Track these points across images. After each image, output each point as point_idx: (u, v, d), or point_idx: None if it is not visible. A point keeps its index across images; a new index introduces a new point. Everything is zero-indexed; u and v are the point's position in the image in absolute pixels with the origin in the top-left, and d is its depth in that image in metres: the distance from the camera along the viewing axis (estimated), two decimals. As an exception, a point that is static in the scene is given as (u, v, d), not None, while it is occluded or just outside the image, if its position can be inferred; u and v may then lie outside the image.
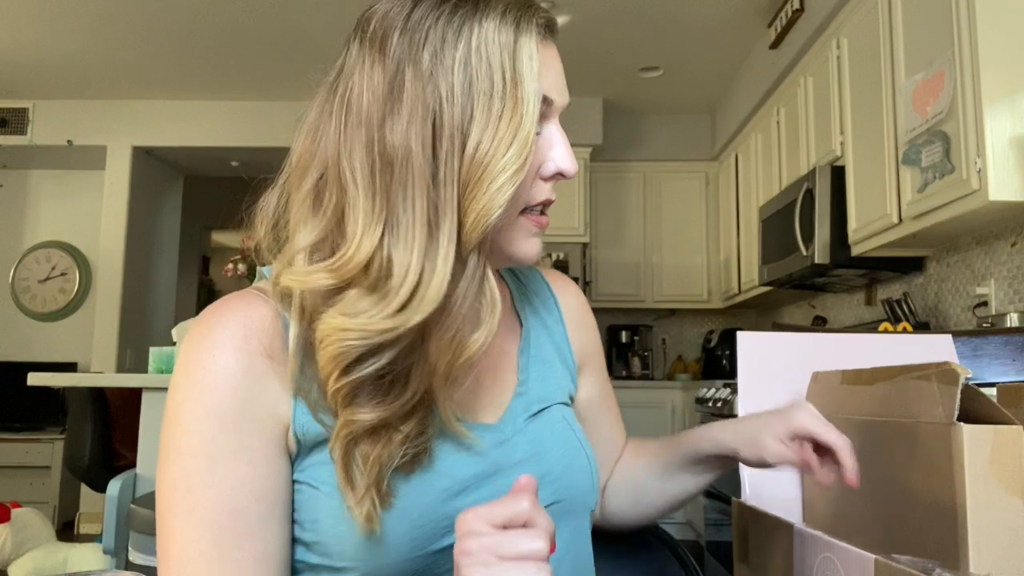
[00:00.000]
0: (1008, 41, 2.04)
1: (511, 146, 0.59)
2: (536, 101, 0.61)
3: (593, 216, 4.88)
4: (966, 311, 2.60)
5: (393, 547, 0.61)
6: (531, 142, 0.60)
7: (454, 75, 0.59)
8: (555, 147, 0.66)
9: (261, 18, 3.84)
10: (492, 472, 0.67)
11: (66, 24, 3.93)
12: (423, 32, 0.60)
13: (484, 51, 0.59)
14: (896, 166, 2.49)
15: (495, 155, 0.58)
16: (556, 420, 0.75)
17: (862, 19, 2.79)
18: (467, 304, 0.60)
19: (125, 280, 4.91)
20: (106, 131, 4.96)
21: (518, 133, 0.59)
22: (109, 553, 2.27)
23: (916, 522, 0.59)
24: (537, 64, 0.61)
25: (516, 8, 0.62)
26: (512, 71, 0.60)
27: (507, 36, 0.60)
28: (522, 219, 0.66)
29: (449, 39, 0.59)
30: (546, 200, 0.67)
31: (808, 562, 0.62)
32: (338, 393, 0.59)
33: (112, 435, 2.97)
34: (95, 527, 4.49)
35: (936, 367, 0.57)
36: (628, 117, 5.05)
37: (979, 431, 0.53)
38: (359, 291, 0.59)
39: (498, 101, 0.59)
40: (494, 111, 0.59)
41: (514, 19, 0.61)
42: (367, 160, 0.60)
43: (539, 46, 0.62)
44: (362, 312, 0.58)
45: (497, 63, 0.59)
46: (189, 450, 0.59)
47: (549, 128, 0.66)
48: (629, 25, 3.88)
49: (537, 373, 0.76)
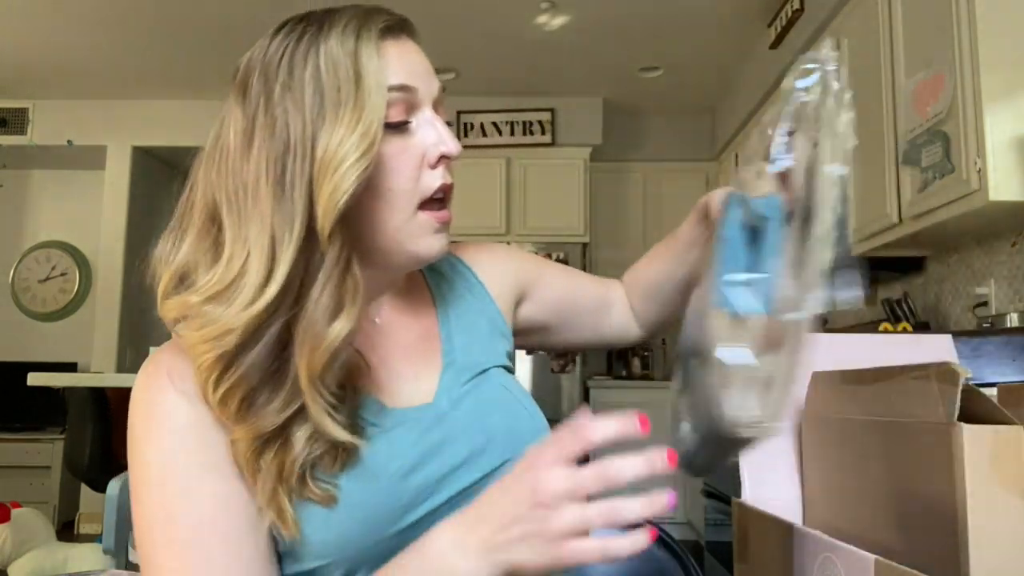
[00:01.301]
0: (1008, 41, 2.04)
1: (352, 135, 0.62)
2: (379, 91, 0.63)
3: (593, 216, 4.88)
4: (966, 311, 2.60)
5: (355, 537, 0.63)
6: (375, 129, 0.63)
7: (304, 95, 0.63)
8: (432, 132, 0.68)
9: (261, 18, 3.83)
10: (440, 443, 0.69)
11: (66, 24, 3.93)
12: (275, 64, 0.65)
13: (330, 64, 0.63)
14: (896, 166, 2.49)
15: (339, 148, 0.61)
16: (494, 386, 0.77)
17: (862, 19, 2.79)
18: (326, 295, 0.62)
19: (125, 280, 4.91)
20: (106, 131, 4.96)
21: (360, 122, 0.62)
22: (109, 553, 2.27)
23: (916, 522, 0.59)
24: (377, 60, 0.64)
25: (357, 18, 0.66)
26: (353, 72, 0.63)
27: (349, 45, 0.64)
28: (421, 215, 0.68)
29: (298, 63, 0.64)
30: (442, 186, 0.69)
31: (808, 562, 0.62)
32: (222, 408, 0.61)
33: (112, 435, 2.97)
34: (95, 527, 4.49)
35: (936, 367, 0.57)
36: (628, 117, 5.05)
37: (979, 431, 0.53)
38: (211, 304, 0.62)
39: (343, 104, 0.63)
40: (340, 114, 0.62)
41: (355, 28, 0.65)
42: (231, 192, 0.64)
43: (383, 44, 0.66)
44: (212, 321, 0.61)
45: (342, 71, 0.63)
46: (159, 480, 0.61)
47: (423, 115, 0.68)
48: (629, 25, 3.88)
49: (462, 342, 0.78)
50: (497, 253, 0.91)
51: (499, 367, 0.80)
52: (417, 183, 0.67)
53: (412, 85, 0.67)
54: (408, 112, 0.67)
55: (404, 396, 0.72)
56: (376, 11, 0.68)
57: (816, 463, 0.79)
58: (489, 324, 0.83)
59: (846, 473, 0.72)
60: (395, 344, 0.76)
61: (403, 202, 0.67)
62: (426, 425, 0.70)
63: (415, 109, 0.68)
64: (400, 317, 0.78)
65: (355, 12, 0.67)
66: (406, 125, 0.67)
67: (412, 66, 0.68)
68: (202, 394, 0.61)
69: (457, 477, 0.69)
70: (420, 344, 0.77)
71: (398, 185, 0.66)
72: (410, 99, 0.67)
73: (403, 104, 0.66)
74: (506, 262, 0.90)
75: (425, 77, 0.69)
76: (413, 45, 0.70)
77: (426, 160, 0.68)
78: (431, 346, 0.78)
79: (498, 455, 0.71)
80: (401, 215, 0.67)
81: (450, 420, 0.72)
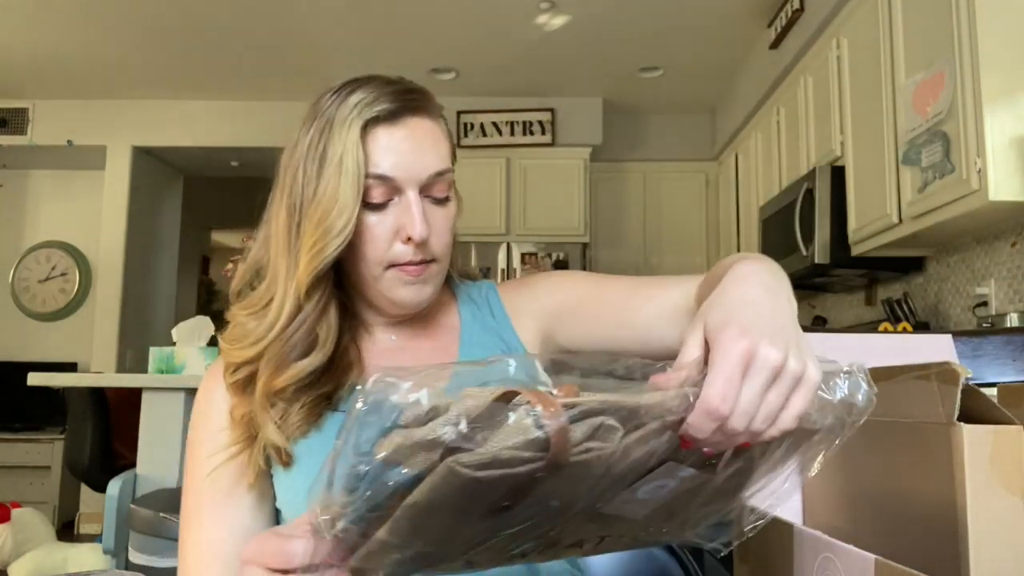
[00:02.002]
0: (1008, 41, 2.05)
1: (329, 218, 0.74)
2: (357, 180, 0.74)
3: (593, 216, 4.88)
4: (966, 311, 2.60)
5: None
6: (349, 212, 0.74)
7: (310, 168, 0.77)
8: (405, 216, 0.77)
9: (261, 18, 3.84)
10: None
11: (66, 24, 3.93)
12: (294, 147, 0.80)
13: (329, 152, 0.75)
14: (896, 166, 2.49)
15: (314, 230, 0.75)
16: None
17: (862, 19, 2.79)
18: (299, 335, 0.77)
19: (125, 280, 4.91)
20: (106, 131, 4.96)
21: (338, 202, 0.74)
22: (109, 553, 2.27)
23: (916, 522, 0.59)
24: (360, 152, 0.75)
25: (361, 105, 0.76)
26: (338, 160, 0.75)
27: (344, 134, 0.75)
28: (391, 272, 0.79)
29: (312, 151, 0.77)
30: (410, 260, 0.78)
31: (808, 562, 0.62)
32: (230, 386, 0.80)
33: (112, 435, 2.97)
34: (95, 527, 4.49)
35: (936, 367, 0.57)
36: (628, 117, 5.05)
37: (979, 431, 0.53)
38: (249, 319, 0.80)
39: (331, 184, 0.75)
40: (328, 191, 0.75)
41: (356, 118, 0.75)
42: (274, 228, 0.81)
43: (375, 133, 0.76)
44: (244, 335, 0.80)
45: (334, 157, 0.75)
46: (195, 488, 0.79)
47: (405, 198, 0.77)
48: (629, 25, 3.88)
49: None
50: (532, 284, 0.92)
51: None
52: (386, 253, 0.78)
53: (390, 175, 0.76)
54: (389, 194, 0.77)
55: None
56: (384, 96, 0.77)
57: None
58: (506, 349, 0.87)
59: (846, 473, 0.72)
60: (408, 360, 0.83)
61: (373, 264, 0.78)
62: None
63: (397, 192, 0.77)
64: (420, 339, 0.87)
65: (363, 99, 0.76)
66: (384, 205, 0.77)
67: (398, 156, 0.76)
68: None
69: None
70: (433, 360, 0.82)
71: (369, 252, 0.77)
72: (391, 184, 0.76)
73: (383, 188, 0.76)
74: (522, 290, 0.92)
75: (410, 165, 0.77)
76: (407, 130, 0.78)
77: (399, 235, 0.77)
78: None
79: None
80: (373, 272, 0.79)
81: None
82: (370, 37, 4.00)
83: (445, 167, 0.80)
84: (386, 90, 0.78)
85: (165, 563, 1.88)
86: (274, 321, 0.77)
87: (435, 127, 0.81)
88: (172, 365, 2.55)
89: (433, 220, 0.79)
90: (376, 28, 3.91)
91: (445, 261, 0.83)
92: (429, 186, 0.78)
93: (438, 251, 0.80)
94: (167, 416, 2.44)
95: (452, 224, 0.83)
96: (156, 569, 1.89)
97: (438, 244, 0.80)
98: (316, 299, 0.77)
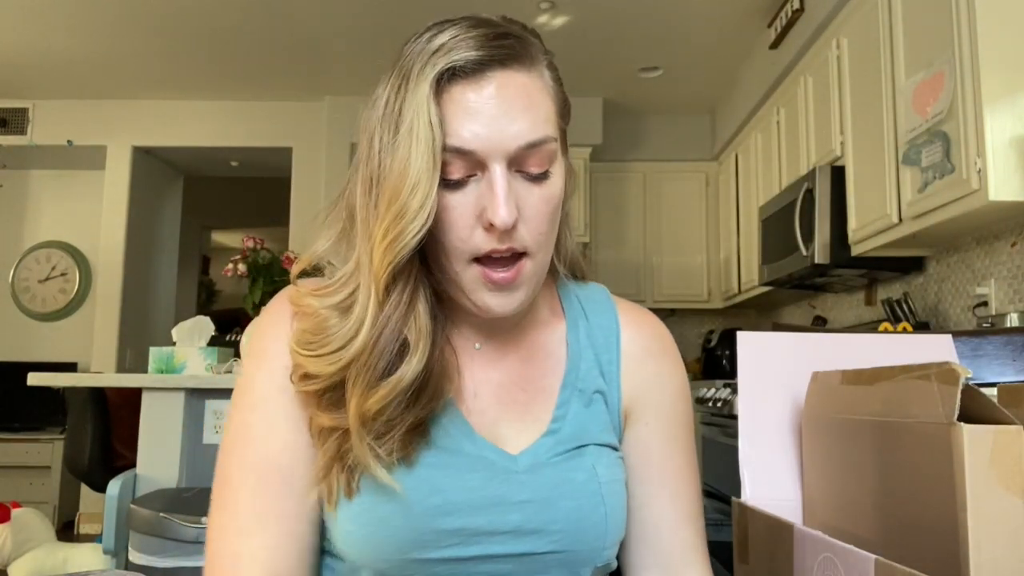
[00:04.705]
0: (1008, 41, 2.04)
1: (401, 198, 0.61)
2: (427, 155, 0.61)
3: (593, 216, 4.88)
4: (966, 311, 2.60)
5: (372, 546, 0.64)
6: (425, 189, 0.61)
7: (382, 138, 0.64)
8: (488, 195, 0.63)
9: (261, 18, 3.84)
10: (491, 504, 0.66)
11: (66, 24, 3.93)
12: (373, 104, 0.66)
13: (405, 113, 0.62)
14: (896, 166, 2.49)
15: (387, 211, 0.63)
16: (584, 466, 0.70)
17: (862, 19, 2.79)
18: (383, 338, 0.64)
19: (125, 280, 4.91)
20: (106, 131, 4.96)
21: (404, 191, 0.61)
22: (109, 553, 2.27)
23: (916, 522, 0.59)
24: (427, 120, 0.61)
25: (436, 60, 0.62)
26: (410, 129, 0.61)
27: (420, 93, 0.62)
28: (473, 268, 0.65)
29: (388, 110, 0.64)
30: (492, 250, 0.64)
31: (808, 562, 0.62)
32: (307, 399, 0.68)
33: (112, 435, 2.97)
34: (95, 527, 4.48)
35: (936, 367, 0.57)
36: (628, 117, 5.05)
37: (979, 431, 0.53)
38: (330, 312, 0.67)
39: (400, 157, 0.62)
40: (399, 167, 0.62)
41: (423, 77, 0.62)
42: (354, 203, 0.68)
43: (451, 91, 0.62)
44: (322, 330, 0.68)
45: (404, 125, 0.62)
46: (250, 405, 0.68)
47: (489, 173, 0.63)
48: (629, 25, 3.88)
49: (577, 411, 0.72)
50: (652, 335, 0.80)
51: (601, 445, 0.72)
52: (467, 243, 0.64)
53: (468, 148, 0.61)
54: (471, 169, 0.63)
55: (492, 431, 0.70)
56: (465, 42, 0.63)
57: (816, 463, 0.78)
58: (606, 403, 0.75)
59: (846, 473, 0.72)
60: (496, 381, 0.73)
61: (455, 255, 0.64)
62: (492, 475, 0.67)
63: (480, 167, 0.63)
64: (509, 356, 0.74)
65: (443, 44, 0.63)
66: (464, 182, 0.63)
67: (479, 123, 0.62)
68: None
69: (495, 541, 0.65)
70: (535, 395, 0.73)
71: (448, 240, 0.64)
72: (472, 158, 0.62)
73: (462, 161, 0.62)
74: (652, 356, 0.78)
75: (494, 134, 0.62)
76: (493, 88, 0.63)
77: (481, 220, 0.63)
78: (544, 400, 0.73)
79: (548, 542, 0.66)
80: (456, 265, 0.65)
81: (518, 482, 0.67)
82: (371, 37, 4.00)
83: (541, 136, 0.63)
84: (470, 35, 0.63)
85: (165, 563, 1.88)
86: (360, 321, 0.63)
87: (533, 83, 0.65)
88: (172, 365, 2.55)
89: (525, 202, 0.64)
90: (376, 28, 3.91)
91: (543, 255, 0.67)
92: (520, 159, 0.63)
93: (530, 241, 0.64)
94: (167, 416, 2.44)
95: (554, 207, 0.66)
96: (156, 569, 1.89)
97: (531, 233, 0.64)
98: (398, 295, 0.64)
